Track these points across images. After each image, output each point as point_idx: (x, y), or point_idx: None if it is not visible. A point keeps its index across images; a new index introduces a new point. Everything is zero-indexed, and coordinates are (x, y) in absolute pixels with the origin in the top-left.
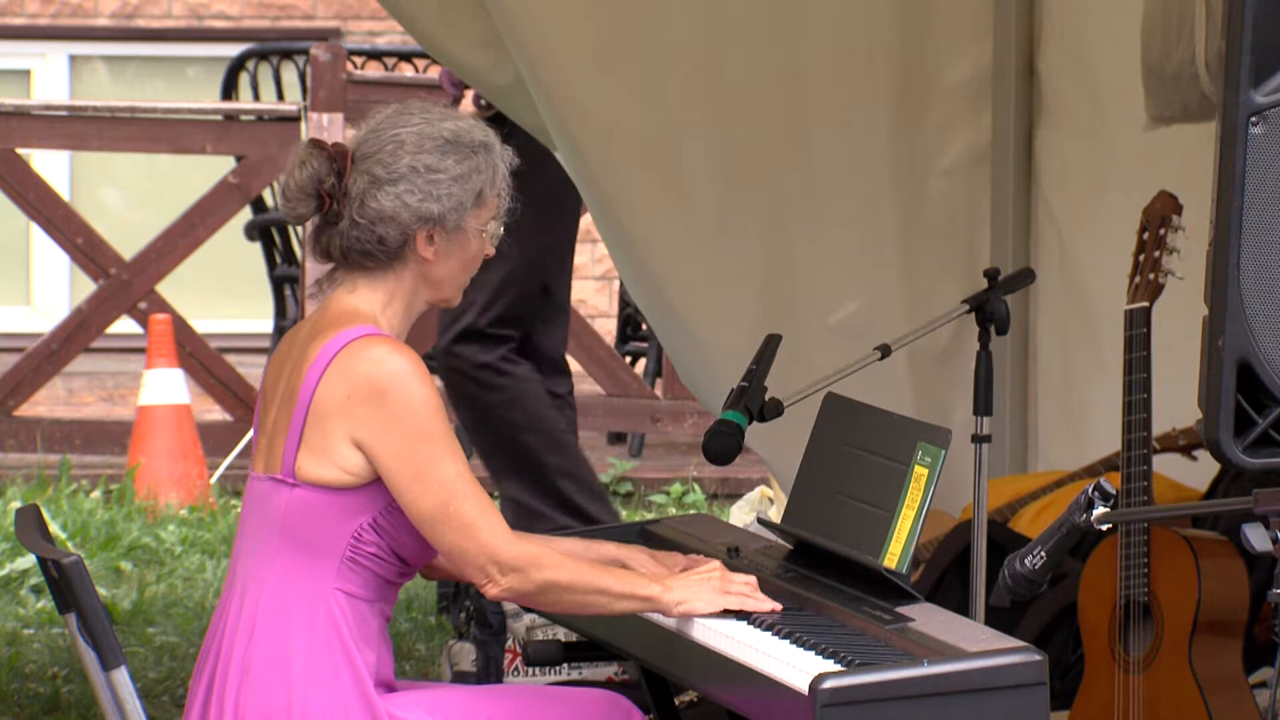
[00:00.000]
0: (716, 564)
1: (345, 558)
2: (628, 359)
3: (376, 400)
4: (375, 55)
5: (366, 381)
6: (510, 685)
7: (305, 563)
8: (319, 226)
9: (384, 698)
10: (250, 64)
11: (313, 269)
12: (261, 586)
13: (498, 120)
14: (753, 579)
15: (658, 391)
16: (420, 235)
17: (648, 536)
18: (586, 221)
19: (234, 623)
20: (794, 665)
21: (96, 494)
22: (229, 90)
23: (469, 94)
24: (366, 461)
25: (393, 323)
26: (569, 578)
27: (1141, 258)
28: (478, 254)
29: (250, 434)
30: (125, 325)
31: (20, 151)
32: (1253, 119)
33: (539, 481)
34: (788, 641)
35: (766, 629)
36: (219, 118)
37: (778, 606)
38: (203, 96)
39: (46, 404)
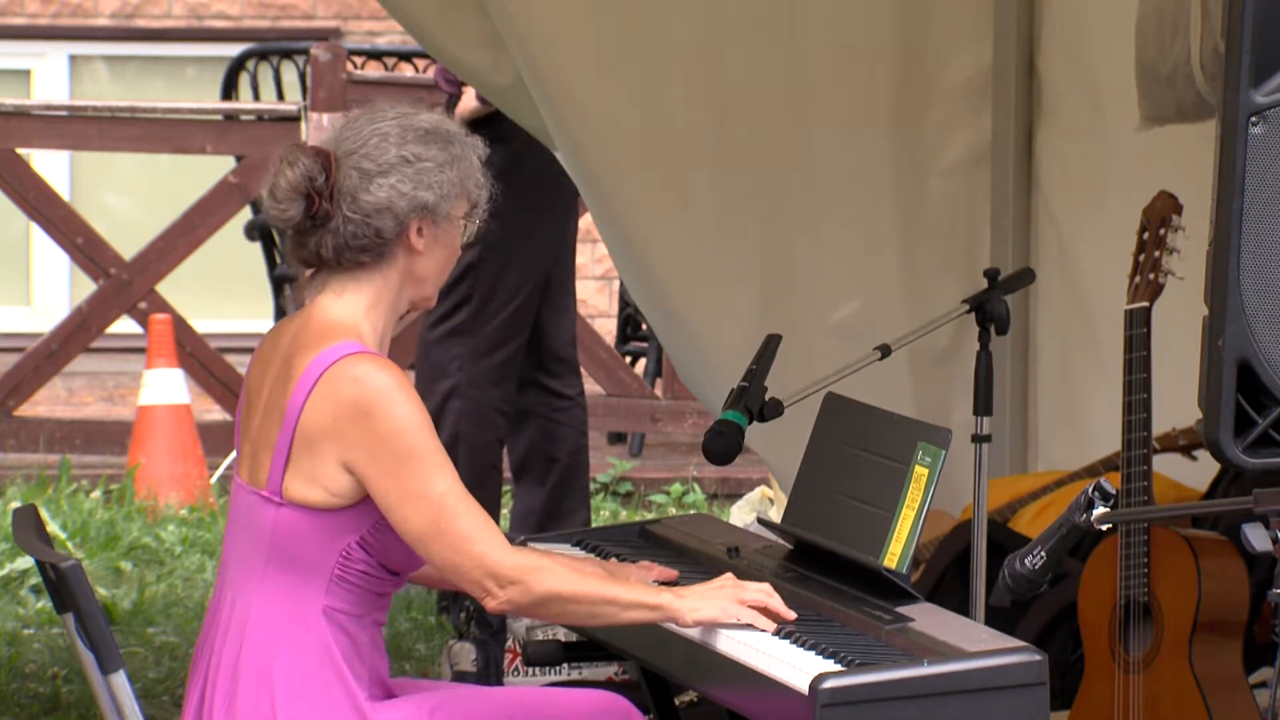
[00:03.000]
0: (728, 575)
1: (334, 576)
2: (628, 359)
3: (362, 421)
4: (375, 55)
5: (351, 402)
6: (510, 686)
7: (292, 581)
8: (303, 231)
9: (379, 707)
10: (250, 64)
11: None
12: (250, 600)
13: (498, 115)
14: (766, 586)
15: (658, 391)
16: (413, 225)
17: (648, 536)
18: (586, 221)
19: (222, 636)
20: (794, 665)
21: (96, 494)
22: (229, 90)
23: (468, 90)
24: (355, 483)
25: (376, 326)
26: (572, 588)
27: (1141, 258)
28: (456, 250)
29: None
30: (125, 325)
31: (20, 151)
32: (1253, 119)
33: None
34: (788, 641)
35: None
36: (219, 118)
37: (790, 615)
38: (203, 96)
39: (46, 404)
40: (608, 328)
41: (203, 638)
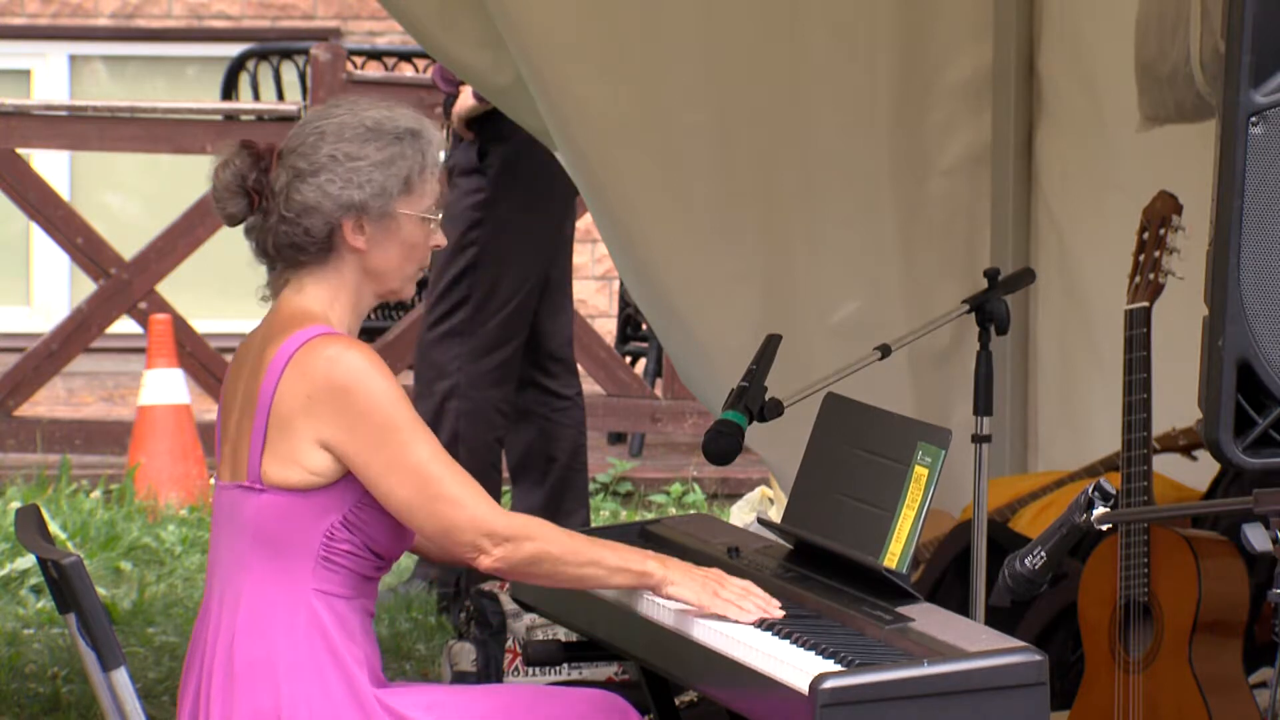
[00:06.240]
0: (717, 570)
1: (320, 558)
2: (628, 359)
3: (338, 398)
4: (375, 55)
5: (325, 380)
6: (508, 685)
7: (280, 567)
8: (253, 226)
9: (377, 690)
10: (250, 64)
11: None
12: (239, 594)
13: (497, 114)
14: (749, 583)
15: (658, 391)
16: (346, 224)
17: (648, 536)
18: (586, 221)
19: (214, 632)
20: (794, 665)
21: (96, 494)
22: (229, 90)
23: (466, 88)
24: (334, 461)
25: (342, 318)
26: (561, 549)
27: (1141, 258)
28: (421, 243)
29: None
30: (125, 325)
31: (20, 151)
32: (1253, 119)
33: None
34: (788, 641)
35: (766, 629)
36: (219, 118)
37: (774, 612)
38: (203, 96)
39: (46, 404)
40: (608, 328)
41: (193, 642)
